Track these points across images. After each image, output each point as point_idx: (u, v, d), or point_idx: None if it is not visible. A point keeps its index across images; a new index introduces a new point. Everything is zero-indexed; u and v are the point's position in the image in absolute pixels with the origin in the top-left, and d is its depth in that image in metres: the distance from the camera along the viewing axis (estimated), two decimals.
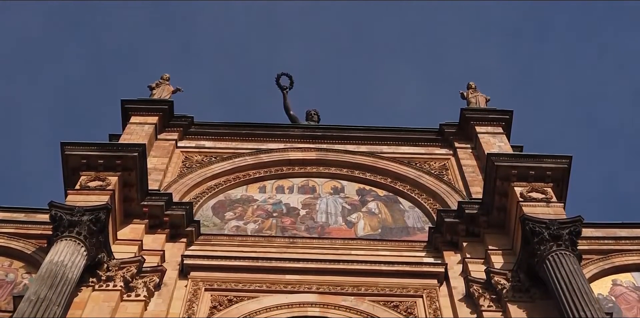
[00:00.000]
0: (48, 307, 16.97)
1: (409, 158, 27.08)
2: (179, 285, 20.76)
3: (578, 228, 20.09)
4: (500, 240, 21.81)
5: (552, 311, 18.64)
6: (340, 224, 24.31)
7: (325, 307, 20.41)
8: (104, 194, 21.17)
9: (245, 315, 19.90)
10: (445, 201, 24.39)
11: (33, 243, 21.12)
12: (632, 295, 20.78)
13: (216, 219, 24.23)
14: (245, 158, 26.73)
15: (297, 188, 26.25)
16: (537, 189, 21.90)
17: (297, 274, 21.27)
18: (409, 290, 20.97)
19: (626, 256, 21.55)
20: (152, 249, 21.38)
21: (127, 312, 19.05)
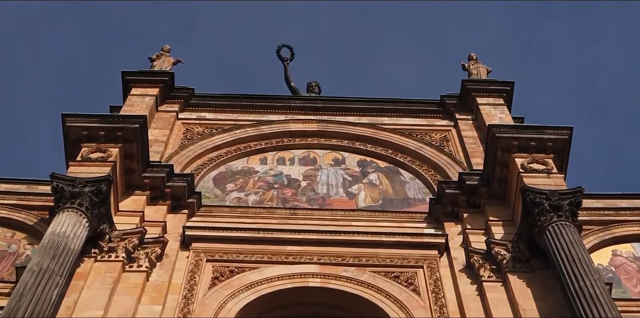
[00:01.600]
0: (51, 277, 17.05)
1: (409, 130, 27.08)
2: (181, 256, 20.84)
3: (578, 199, 20.13)
4: (500, 211, 21.86)
5: (552, 281, 18.72)
6: (341, 195, 24.37)
7: (326, 278, 20.51)
8: (105, 165, 21.20)
9: (246, 286, 19.99)
10: (446, 172, 24.44)
11: (35, 214, 21.21)
12: (632, 265, 20.88)
13: (217, 190, 24.29)
14: (246, 130, 26.74)
15: (298, 159, 26.28)
16: (538, 161, 21.91)
17: (298, 245, 21.36)
18: (409, 261, 21.06)
19: (626, 227, 21.64)
20: (153, 220, 21.44)
21: (129, 282, 19.13)
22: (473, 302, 19.33)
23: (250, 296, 19.86)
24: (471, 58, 30.49)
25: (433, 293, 19.97)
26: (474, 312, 18.99)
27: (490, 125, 23.48)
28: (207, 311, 19.15)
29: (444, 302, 19.64)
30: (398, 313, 19.40)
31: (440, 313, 19.30)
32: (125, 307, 18.30)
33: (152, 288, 19.40)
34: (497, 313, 18.61)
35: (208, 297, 19.65)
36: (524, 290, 18.97)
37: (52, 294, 16.79)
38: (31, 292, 16.50)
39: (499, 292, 19.28)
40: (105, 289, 18.50)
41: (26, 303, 16.16)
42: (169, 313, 18.85)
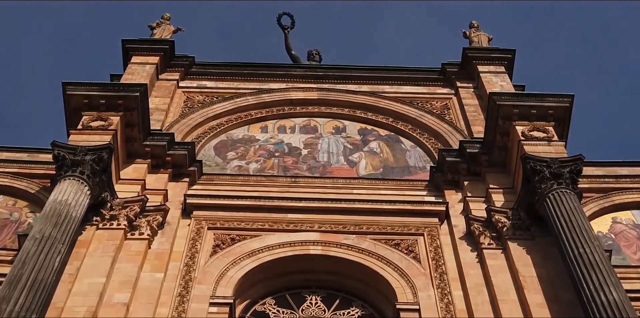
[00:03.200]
0: (53, 245, 17.12)
1: (410, 98, 27.05)
2: (182, 224, 20.93)
3: (579, 166, 20.15)
4: (501, 178, 21.90)
5: (551, 248, 18.80)
6: (342, 163, 24.41)
7: (327, 246, 20.61)
8: (106, 134, 21.21)
9: (247, 254, 20.08)
10: (447, 140, 24.46)
11: (36, 182, 21.26)
12: (631, 232, 20.96)
13: (218, 159, 24.32)
14: (247, 98, 26.72)
15: (299, 127, 26.28)
16: (539, 128, 21.90)
17: (299, 213, 21.43)
18: (410, 229, 21.14)
19: (626, 194, 21.69)
20: (154, 188, 21.50)
21: (131, 250, 19.22)
22: (473, 269, 19.42)
23: (252, 264, 19.96)
24: (472, 26, 30.35)
25: (433, 260, 20.06)
26: (474, 279, 19.09)
27: (491, 93, 23.45)
28: (208, 278, 19.26)
29: (444, 269, 19.74)
30: (399, 280, 19.49)
31: (440, 281, 19.40)
32: (127, 274, 18.39)
33: (153, 255, 19.50)
34: (497, 280, 18.72)
35: (209, 265, 19.74)
36: (524, 257, 19.06)
37: (55, 261, 16.87)
38: (34, 260, 16.58)
39: (499, 259, 19.38)
40: (107, 257, 18.58)
41: (29, 270, 16.25)
42: (171, 280, 18.96)
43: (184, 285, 19.03)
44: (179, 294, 18.72)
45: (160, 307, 18.12)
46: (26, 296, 15.65)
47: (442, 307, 18.64)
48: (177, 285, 18.96)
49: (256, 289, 20.03)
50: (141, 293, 18.21)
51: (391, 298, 19.29)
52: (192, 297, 18.67)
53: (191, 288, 18.92)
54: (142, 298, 18.09)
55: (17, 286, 15.81)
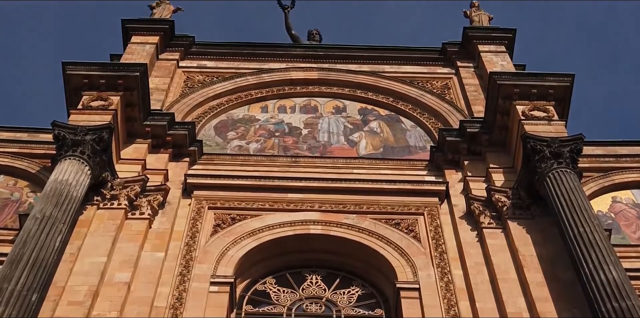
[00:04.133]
0: (54, 224, 17.15)
1: (411, 77, 27.02)
2: (183, 203, 20.96)
3: (579, 146, 20.15)
4: (501, 158, 21.92)
5: (551, 228, 18.84)
6: (342, 143, 24.41)
7: (328, 225, 20.65)
8: (106, 114, 21.20)
9: (248, 233, 20.13)
10: (447, 120, 24.45)
11: (37, 162, 21.29)
12: (631, 211, 21.00)
13: (218, 139, 24.33)
14: (247, 78, 26.69)
15: (299, 107, 26.27)
16: (539, 108, 21.89)
17: (299, 193, 21.46)
18: (410, 208, 21.17)
19: (626, 173, 21.72)
20: (155, 168, 21.52)
21: (132, 229, 19.26)
22: (473, 248, 19.47)
23: (252, 243, 20.01)
24: (473, 5, 30.27)
25: (433, 239, 20.11)
26: (473, 258, 19.14)
27: (491, 72, 23.44)
28: (209, 258, 19.32)
29: (444, 248, 19.79)
30: (399, 259, 19.55)
31: (440, 260, 19.45)
32: (128, 254, 18.45)
33: (154, 235, 19.55)
34: (497, 259, 18.77)
35: (210, 244, 19.79)
36: (524, 236, 19.10)
37: (56, 241, 16.92)
38: (35, 239, 16.62)
39: (499, 239, 19.42)
40: (108, 236, 18.63)
41: (30, 249, 16.30)
42: (172, 260, 19.02)
43: (184, 264, 19.07)
44: (179, 273, 18.77)
45: (161, 286, 18.18)
46: (27, 275, 15.70)
47: (442, 286, 18.69)
48: (178, 264, 19.01)
49: (257, 268, 20.09)
50: (142, 273, 18.27)
51: (391, 277, 19.34)
52: (193, 276, 18.72)
53: (192, 268, 18.97)
54: (143, 277, 18.15)
55: (18, 265, 15.85)
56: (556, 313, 16.93)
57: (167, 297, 17.97)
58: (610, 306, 15.75)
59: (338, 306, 19.33)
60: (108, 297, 17.17)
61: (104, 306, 16.92)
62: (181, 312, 17.65)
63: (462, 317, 17.75)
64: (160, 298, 17.86)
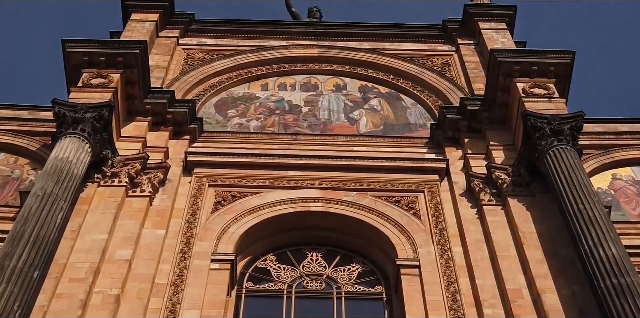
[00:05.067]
0: (55, 202, 17.18)
1: (411, 55, 26.97)
2: (183, 181, 20.98)
3: (579, 123, 20.15)
4: (501, 135, 21.92)
5: (551, 205, 18.87)
6: (343, 121, 24.40)
7: (328, 202, 20.69)
8: (106, 91, 21.19)
9: (248, 210, 20.17)
10: (448, 97, 24.44)
11: (37, 140, 21.29)
12: (631, 188, 21.02)
13: (219, 116, 24.32)
14: (247, 55, 26.65)
15: (299, 85, 26.24)
16: (540, 85, 21.87)
17: (299, 170, 21.48)
18: (410, 186, 21.20)
19: (626, 150, 21.73)
20: (155, 146, 21.54)
21: (133, 207, 19.30)
22: (473, 225, 19.52)
23: (253, 220, 20.06)
24: None
25: (433, 217, 20.15)
26: (473, 235, 19.19)
27: (492, 50, 23.40)
28: (209, 235, 19.36)
29: (444, 225, 19.83)
30: (399, 236, 19.59)
31: (440, 237, 19.49)
32: (129, 231, 18.49)
33: (155, 212, 19.59)
34: (497, 236, 18.82)
35: (211, 221, 19.84)
36: (524, 213, 19.14)
37: (57, 218, 16.95)
38: (36, 216, 16.65)
39: (499, 216, 19.46)
40: (109, 213, 18.66)
41: (31, 227, 16.33)
42: (172, 237, 19.06)
43: (185, 241, 19.12)
44: (180, 251, 18.83)
45: (162, 263, 18.23)
46: (29, 252, 15.74)
47: (442, 262, 18.74)
48: (179, 241, 19.06)
49: (257, 246, 20.14)
50: (143, 250, 18.32)
51: (391, 254, 19.40)
52: (194, 253, 18.77)
53: (193, 245, 19.02)
54: (144, 254, 18.20)
55: (19, 242, 15.89)
56: (555, 290, 16.97)
57: (168, 274, 18.03)
58: (610, 282, 15.80)
59: (338, 283, 19.39)
60: (109, 274, 17.21)
61: (105, 283, 16.97)
62: (182, 289, 17.70)
63: (462, 293, 17.80)
64: (161, 275, 17.91)
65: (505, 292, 17.34)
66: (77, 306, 16.07)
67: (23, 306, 14.80)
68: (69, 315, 15.82)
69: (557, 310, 16.50)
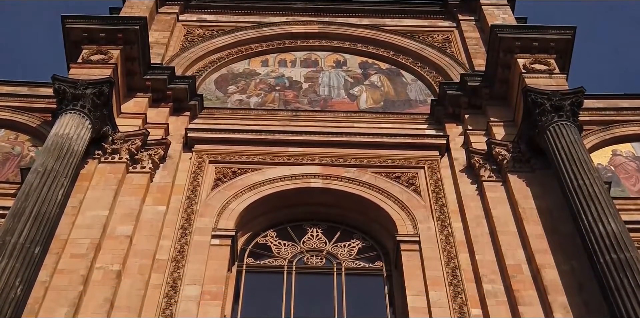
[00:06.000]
0: (55, 178, 17.20)
1: (411, 31, 26.90)
2: (184, 157, 20.99)
3: (580, 99, 20.13)
4: (501, 111, 21.91)
5: (551, 181, 18.88)
6: (343, 97, 24.38)
7: (328, 179, 20.70)
8: (106, 67, 21.15)
9: (249, 187, 20.19)
10: (448, 73, 24.41)
11: (38, 116, 21.31)
12: (631, 164, 21.03)
13: (219, 93, 24.30)
14: (247, 32, 26.58)
15: (300, 61, 26.19)
16: (540, 61, 21.82)
17: (300, 146, 21.49)
18: (410, 162, 21.21)
19: (627, 126, 21.72)
20: (156, 122, 21.53)
21: (133, 183, 19.33)
22: (473, 201, 19.55)
23: (253, 196, 20.08)
24: None
25: (434, 193, 20.17)
26: (473, 211, 19.22)
27: (492, 26, 23.35)
28: (210, 211, 19.39)
29: (445, 201, 19.85)
30: (399, 212, 19.63)
31: (440, 213, 19.52)
32: (130, 207, 18.53)
33: (155, 189, 19.61)
34: (497, 212, 18.84)
35: (211, 198, 19.86)
36: (524, 189, 19.17)
37: (58, 194, 16.98)
38: (37, 193, 16.67)
39: (499, 192, 19.49)
40: (109, 190, 18.69)
41: (32, 203, 16.35)
42: (173, 213, 19.10)
43: (186, 217, 19.16)
44: (181, 227, 18.87)
45: (163, 239, 18.28)
46: (30, 228, 15.77)
47: (442, 238, 18.78)
48: (180, 218, 19.09)
49: (258, 222, 20.18)
50: (144, 226, 18.36)
51: (391, 230, 19.44)
52: (195, 229, 18.82)
53: (193, 221, 19.06)
54: (144, 230, 18.25)
55: (20, 218, 15.92)
56: (555, 265, 17.02)
57: (169, 250, 18.08)
58: (609, 258, 15.84)
59: (338, 259, 19.45)
60: (110, 250, 17.27)
61: (106, 258, 17.03)
62: (183, 265, 17.76)
63: (462, 269, 17.86)
64: (162, 251, 17.96)
65: (504, 268, 17.39)
66: (78, 281, 16.13)
67: (24, 282, 14.86)
68: (71, 290, 15.90)
69: (557, 285, 16.55)
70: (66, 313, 15.40)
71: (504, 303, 16.77)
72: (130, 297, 16.49)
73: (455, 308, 16.93)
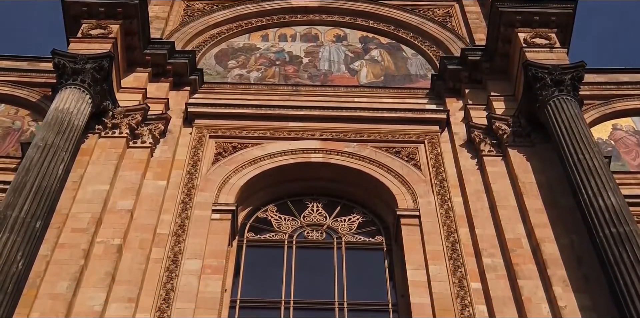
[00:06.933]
0: (56, 152, 17.21)
1: (412, 5, 26.74)
2: (184, 132, 21.00)
3: (580, 73, 20.09)
4: (502, 86, 21.88)
5: (551, 155, 18.90)
6: (343, 72, 24.32)
7: (328, 153, 20.72)
8: (106, 42, 21.07)
9: (249, 161, 20.21)
10: (449, 48, 24.33)
11: (37, 91, 21.33)
12: (631, 139, 21.04)
13: (219, 68, 24.25)
14: (248, 6, 26.46)
15: (300, 36, 26.10)
16: (541, 35, 21.75)
17: (300, 121, 21.48)
18: (410, 136, 21.21)
19: (627, 101, 21.73)
20: (156, 97, 21.50)
21: (134, 158, 19.35)
22: (473, 175, 19.58)
23: (254, 171, 20.12)
24: None
25: (434, 167, 20.19)
26: (473, 185, 19.26)
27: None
28: (210, 186, 19.43)
29: (445, 176, 19.87)
30: (399, 187, 19.66)
31: (440, 187, 19.54)
32: (131, 182, 18.57)
33: (156, 163, 19.65)
34: (497, 186, 18.88)
35: (212, 172, 19.89)
36: (524, 163, 19.20)
37: (58, 169, 17.00)
38: (37, 167, 16.69)
39: (499, 166, 19.52)
40: (110, 164, 18.72)
41: (33, 177, 16.38)
42: (174, 188, 19.14)
43: (186, 192, 19.19)
44: (181, 201, 18.91)
45: (163, 213, 18.34)
46: (31, 203, 15.81)
47: (442, 213, 18.83)
48: (180, 192, 19.13)
49: (258, 196, 20.23)
50: (144, 201, 18.41)
51: (392, 204, 19.49)
52: (195, 204, 18.86)
53: (194, 196, 19.10)
54: (145, 205, 18.30)
55: (21, 193, 15.96)
56: (554, 239, 17.11)
57: (170, 224, 18.14)
58: (609, 231, 15.89)
59: (339, 233, 19.51)
60: (111, 224, 17.34)
61: (107, 233, 17.11)
62: (184, 239, 17.83)
63: (462, 243, 17.91)
64: (162, 226, 18.03)
65: (504, 242, 17.45)
66: (79, 255, 16.21)
67: (26, 255, 14.94)
68: (72, 264, 15.97)
69: (556, 259, 16.65)
70: (68, 287, 15.50)
71: (504, 277, 16.85)
72: (131, 271, 16.56)
73: (455, 282, 17.00)
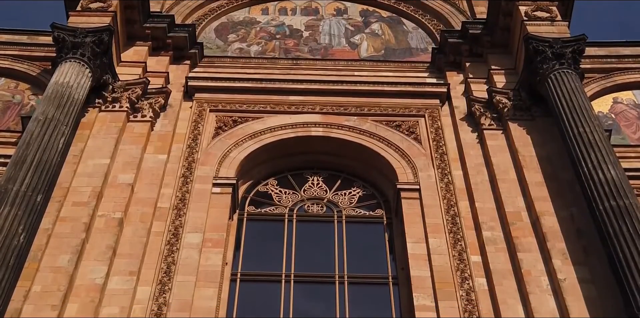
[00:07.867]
0: (56, 126, 17.21)
1: None
2: (184, 106, 20.98)
3: (581, 46, 20.02)
4: (503, 59, 21.82)
5: (552, 128, 18.90)
6: (344, 45, 24.26)
7: (329, 127, 20.73)
8: (105, 15, 20.97)
9: (250, 135, 20.21)
10: (449, 21, 24.25)
11: (37, 65, 21.26)
12: (632, 112, 21.02)
13: (219, 41, 24.18)
14: None
15: (300, 9, 26.01)
16: (542, 8, 21.64)
17: (300, 95, 21.47)
18: (411, 110, 21.19)
19: (628, 74, 21.66)
20: (156, 71, 21.47)
21: (134, 132, 19.36)
22: (473, 149, 19.60)
23: (254, 145, 20.14)
24: None
25: (434, 141, 20.20)
26: (474, 159, 19.28)
27: None
28: (211, 160, 19.47)
29: (445, 149, 19.89)
30: (399, 160, 19.68)
31: (441, 161, 19.57)
32: (131, 156, 18.60)
33: (156, 137, 19.66)
34: (497, 160, 18.91)
35: (212, 146, 19.91)
36: (524, 137, 19.22)
37: (59, 143, 17.01)
38: (37, 141, 16.71)
39: (499, 140, 19.54)
40: (110, 138, 18.74)
41: (33, 151, 16.40)
42: (174, 162, 19.17)
43: (187, 166, 19.23)
44: (182, 175, 18.95)
45: (164, 187, 18.38)
46: (32, 176, 15.84)
47: (442, 186, 18.86)
48: (181, 166, 19.17)
49: (258, 170, 20.26)
50: (145, 174, 18.45)
51: (392, 178, 19.52)
52: (196, 177, 18.90)
53: (194, 169, 19.14)
54: (146, 179, 18.33)
55: (22, 167, 15.98)
56: (554, 212, 17.17)
57: (171, 198, 18.19)
58: (608, 204, 15.93)
59: (339, 207, 19.56)
60: (112, 198, 17.39)
61: (108, 206, 17.16)
62: (184, 213, 17.88)
63: (462, 216, 17.96)
64: (163, 199, 18.08)
65: (504, 215, 17.51)
66: (80, 229, 16.28)
67: (27, 229, 14.98)
68: (73, 238, 16.04)
69: (556, 232, 16.72)
70: (69, 260, 15.57)
71: (503, 250, 16.92)
72: (132, 245, 16.64)
73: (455, 255, 17.07)
